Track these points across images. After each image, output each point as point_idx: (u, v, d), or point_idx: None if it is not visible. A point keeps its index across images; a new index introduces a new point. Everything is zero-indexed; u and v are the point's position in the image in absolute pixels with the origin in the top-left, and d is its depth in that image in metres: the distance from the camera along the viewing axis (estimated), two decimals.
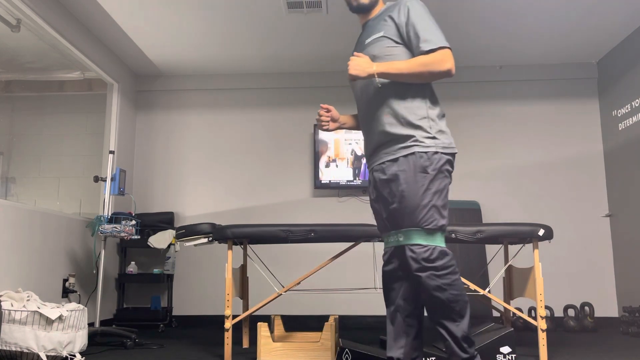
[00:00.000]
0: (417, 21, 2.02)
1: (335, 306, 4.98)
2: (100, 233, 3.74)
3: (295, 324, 4.93)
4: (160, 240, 4.67)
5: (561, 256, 4.94)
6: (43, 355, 2.69)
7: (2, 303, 2.73)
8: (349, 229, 3.10)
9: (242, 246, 3.54)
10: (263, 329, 2.94)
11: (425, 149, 1.99)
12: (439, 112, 2.07)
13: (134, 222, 3.93)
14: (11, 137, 5.57)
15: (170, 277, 4.97)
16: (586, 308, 4.49)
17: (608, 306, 4.82)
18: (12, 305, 2.76)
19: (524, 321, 4.49)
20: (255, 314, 4.82)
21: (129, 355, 3.21)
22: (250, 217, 5.18)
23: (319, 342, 2.89)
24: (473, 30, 4.54)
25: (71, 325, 2.84)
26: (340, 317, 4.92)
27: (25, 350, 2.69)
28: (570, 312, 4.70)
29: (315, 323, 4.90)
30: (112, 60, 4.91)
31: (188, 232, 3.30)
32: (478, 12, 4.22)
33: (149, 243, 4.64)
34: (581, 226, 4.98)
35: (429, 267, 1.93)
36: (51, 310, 2.76)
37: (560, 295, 4.88)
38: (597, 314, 4.80)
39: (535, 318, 4.14)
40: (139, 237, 4.07)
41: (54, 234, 3.91)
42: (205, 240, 3.28)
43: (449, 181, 2.03)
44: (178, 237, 3.38)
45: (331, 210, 5.16)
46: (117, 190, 3.88)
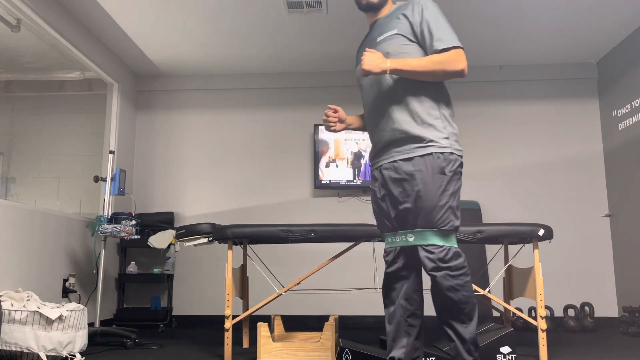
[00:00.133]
0: (431, 20, 2.03)
1: (335, 306, 4.98)
2: (100, 233, 3.74)
3: (295, 324, 4.93)
4: (160, 240, 4.67)
5: (561, 256, 4.94)
6: (43, 355, 2.69)
7: (2, 303, 2.73)
8: (349, 229, 3.10)
9: (242, 246, 3.54)
10: (263, 329, 2.94)
11: (441, 150, 1.99)
12: (452, 112, 2.08)
13: (134, 222, 3.93)
14: (11, 137, 5.56)
15: (170, 277, 4.97)
16: (586, 308, 4.49)
17: (608, 306, 4.82)
18: (12, 305, 2.76)
19: (524, 321, 4.49)
20: (255, 314, 4.82)
21: (129, 355, 3.21)
22: (250, 217, 5.18)
23: (319, 342, 2.89)
24: (473, 30, 4.54)
25: (71, 325, 2.84)
26: (340, 317, 4.92)
27: (25, 350, 2.69)
28: (570, 312, 4.70)
29: (315, 323, 4.90)
30: (112, 60, 4.91)
31: (188, 232, 3.30)
32: (478, 12, 4.22)
33: (149, 243, 4.64)
34: (581, 226, 4.98)
35: (444, 267, 1.94)
36: (51, 310, 2.76)
37: (560, 295, 4.88)
38: (597, 314, 4.80)
39: (535, 318, 4.13)
40: (139, 237, 4.07)
41: (54, 234, 3.91)
42: (205, 240, 3.28)
43: (461, 182, 2.05)
44: (178, 237, 3.38)
45: (331, 210, 5.16)
46: (117, 190, 3.88)
